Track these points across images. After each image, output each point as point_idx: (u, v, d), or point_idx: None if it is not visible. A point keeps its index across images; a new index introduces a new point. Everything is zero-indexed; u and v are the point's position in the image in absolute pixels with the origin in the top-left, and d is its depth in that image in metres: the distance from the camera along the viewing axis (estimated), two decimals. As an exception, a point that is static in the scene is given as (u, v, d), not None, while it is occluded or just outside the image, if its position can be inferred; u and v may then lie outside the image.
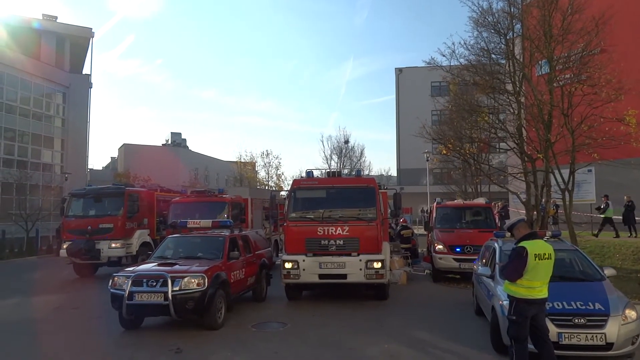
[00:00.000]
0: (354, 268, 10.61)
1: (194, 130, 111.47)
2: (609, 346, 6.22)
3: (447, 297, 12.01)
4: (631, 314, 6.48)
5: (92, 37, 41.65)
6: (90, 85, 41.31)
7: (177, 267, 8.94)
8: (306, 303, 11.43)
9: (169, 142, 64.31)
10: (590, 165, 18.51)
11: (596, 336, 6.24)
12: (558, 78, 15.89)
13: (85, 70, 42.91)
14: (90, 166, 47.31)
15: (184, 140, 66.64)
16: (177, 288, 8.27)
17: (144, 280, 8.43)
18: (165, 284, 8.28)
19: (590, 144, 15.34)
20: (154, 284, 8.36)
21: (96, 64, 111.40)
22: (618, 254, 15.45)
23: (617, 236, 17.97)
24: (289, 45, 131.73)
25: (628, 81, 15.47)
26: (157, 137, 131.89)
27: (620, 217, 19.06)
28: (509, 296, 6.04)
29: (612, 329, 6.24)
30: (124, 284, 8.43)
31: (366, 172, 47.03)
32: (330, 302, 11.34)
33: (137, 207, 16.23)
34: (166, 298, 8.16)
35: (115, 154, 63.40)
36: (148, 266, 9.24)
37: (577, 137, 15.19)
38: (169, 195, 18.25)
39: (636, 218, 18.77)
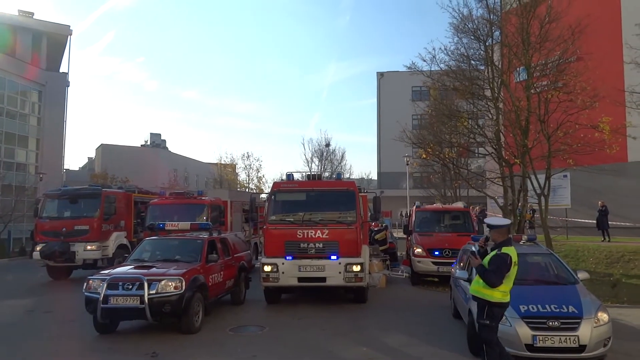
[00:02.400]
0: (333, 271, 10.62)
1: (174, 131, 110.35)
2: (581, 348, 6.34)
3: (426, 301, 12.10)
4: (603, 316, 6.62)
5: (70, 34, 40.88)
6: (67, 84, 40.50)
7: (154, 270, 8.81)
8: (285, 306, 11.38)
9: (148, 142, 63.42)
10: (565, 171, 18.91)
11: (569, 338, 6.35)
12: (535, 85, 16.23)
13: (63, 68, 42.10)
14: (66, 166, 46.35)
15: (164, 141, 65.82)
16: (153, 291, 8.16)
17: (120, 283, 8.29)
18: (141, 287, 8.15)
19: (566, 150, 15.71)
20: (130, 287, 8.23)
21: (75, 61, 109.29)
22: (592, 258, 15.81)
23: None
24: (272, 46, 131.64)
25: (603, 89, 15.89)
26: (136, 138, 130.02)
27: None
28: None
29: (585, 332, 6.36)
30: (99, 287, 8.27)
31: (347, 175, 47.17)
32: (310, 305, 11.32)
33: (114, 208, 15.97)
34: (142, 301, 8.03)
35: (93, 154, 62.25)
36: (124, 269, 9.09)
37: (553, 143, 15.52)
38: (147, 196, 18.00)
39: (609, 222, 19.25)
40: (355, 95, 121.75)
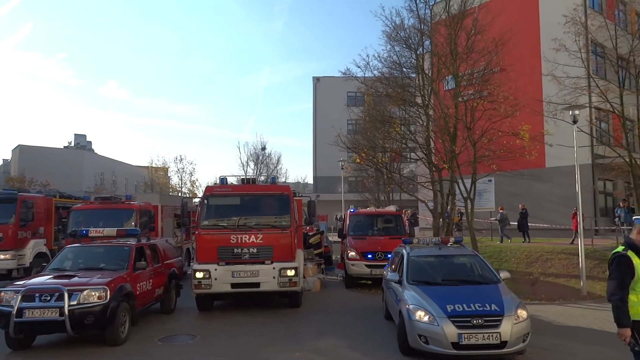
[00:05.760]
0: (267, 276, 10.53)
1: (101, 133, 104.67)
2: (503, 344, 6.68)
3: (359, 303, 12.28)
4: (522, 313, 7.01)
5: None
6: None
7: (75, 279, 8.31)
8: (218, 313, 11.13)
9: (72, 144, 59.95)
10: (490, 176, 19.94)
11: (492, 335, 6.67)
12: (462, 93, 17.04)
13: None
14: (-23, 169, 42.75)
15: (89, 142, 62.50)
16: (74, 302, 7.69)
17: (37, 294, 7.74)
18: (61, 298, 7.66)
19: (490, 156, 16.60)
20: (48, 298, 7.71)
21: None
22: (514, 258, 16.75)
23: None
24: (206, 47, 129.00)
25: (523, 99, 16.98)
26: (59, 139, 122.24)
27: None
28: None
29: (506, 328, 6.71)
30: (12, 299, 7.67)
31: (283, 180, 47.11)
32: (243, 311, 11.15)
33: (31, 214, 14.88)
34: (62, 313, 7.55)
35: (9, 156, 57.89)
36: (42, 279, 8.49)
37: (479, 149, 16.35)
38: (69, 201, 16.94)
39: (529, 224, 20.53)
40: (291, 99, 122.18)
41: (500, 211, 20.24)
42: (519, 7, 25.49)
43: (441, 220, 17.67)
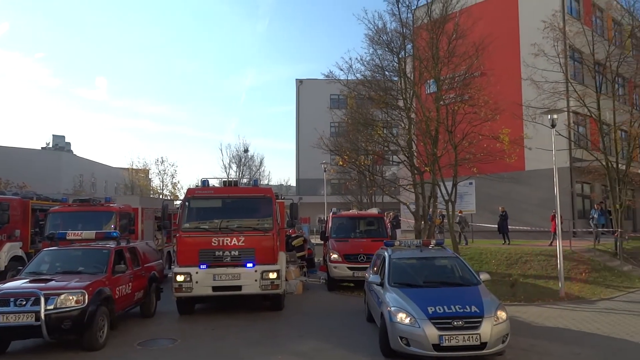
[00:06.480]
0: (249, 279, 10.48)
1: (80, 134, 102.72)
2: (482, 345, 6.75)
3: (341, 306, 12.29)
4: (502, 315, 7.10)
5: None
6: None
7: (52, 283, 8.16)
8: (199, 317, 11.02)
9: (50, 145, 58.80)
10: (470, 178, 20.16)
11: (472, 337, 6.73)
12: (444, 97, 17.20)
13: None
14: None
15: (68, 143, 61.26)
16: (51, 307, 7.55)
17: (11, 299, 7.57)
18: (37, 302, 7.50)
19: (471, 159, 16.79)
20: (24, 302, 7.55)
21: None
22: (494, 260, 16.94)
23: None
24: (187, 47, 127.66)
25: (503, 103, 17.21)
26: (37, 140, 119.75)
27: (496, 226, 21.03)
28: None
29: (486, 330, 6.79)
30: (-15, 304, 7.48)
31: (265, 182, 47.03)
32: (225, 314, 11.07)
33: (7, 217, 14.56)
34: (37, 318, 7.40)
35: (-17, 157, 56.48)
36: (17, 283, 8.32)
37: (460, 152, 16.53)
38: (47, 204, 16.61)
39: (509, 227, 20.82)
40: (274, 101, 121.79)
41: (459, 214, 20.37)
42: (499, 12, 25.90)
43: (423, 222, 17.79)
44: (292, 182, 57.63)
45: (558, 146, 13.78)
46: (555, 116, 13.13)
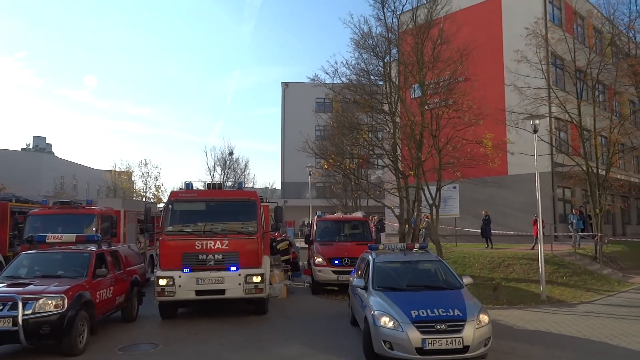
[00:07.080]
0: (232, 283, 10.40)
1: (61, 135, 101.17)
2: (465, 349, 6.79)
3: (325, 309, 12.27)
4: (484, 318, 7.15)
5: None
6: None
7: (31, 287, 8.00)
8: (182, 321, 10.89)
9: (30, 146, 57.79)
10: (454, 183, 20.34)
11: (455, 340, 6.77)
12: (428, 102, 17.34)
13: None
14: None
15: (49, 145, 60.33)
16: (29, 311, 7.40)
17: (-12, 304, 7.39)
18: (14, 307, 7.36)
19: (454, 163, 16.93)
20: (1, 307, 7.40)
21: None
22: (477, 264, 17.09)
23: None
24: (172, 48, 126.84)
25: (486, 108, 17.41)
26: (17, 141, 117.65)
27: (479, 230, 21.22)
28: None
29: (468, 333, 6.83)
30: (-40, 309, 7.30)
31: (250, 185, 46.81)
32: (208, 319, 10.96)
33: (-15, 219, 14.28)
34: (15, 323, 7.25)
35: (-40, 158, 55.23)
36: (-6, 287, 8.12)
37: (444, 157, 16.66)
38: (26, 206, 16.31)
39: (492, 231, 21.03)
40: (260, 103, 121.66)
41: (426, 219, 20.46)
42: (483, 18, 26.23)
43: (407, 226, 17.87)
44: (277, 185, 57.54)
45: (540, 151, 13.97)
46: (537, 122, 13.31)
